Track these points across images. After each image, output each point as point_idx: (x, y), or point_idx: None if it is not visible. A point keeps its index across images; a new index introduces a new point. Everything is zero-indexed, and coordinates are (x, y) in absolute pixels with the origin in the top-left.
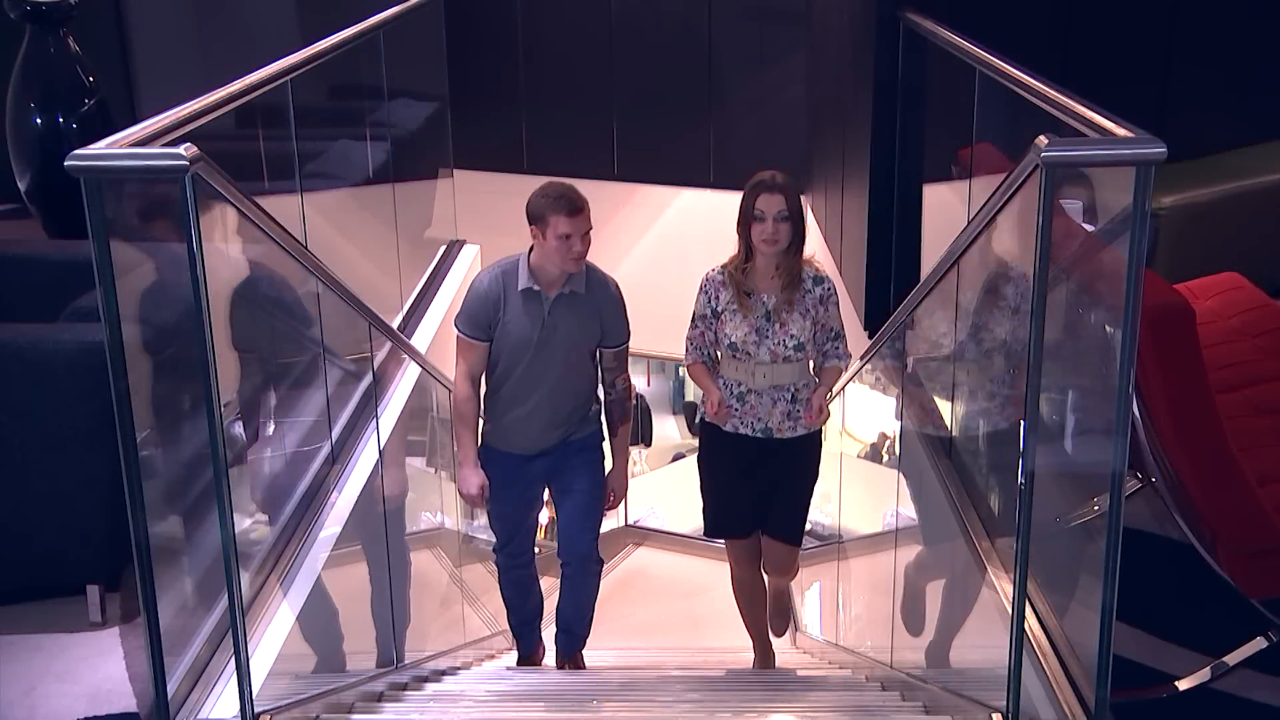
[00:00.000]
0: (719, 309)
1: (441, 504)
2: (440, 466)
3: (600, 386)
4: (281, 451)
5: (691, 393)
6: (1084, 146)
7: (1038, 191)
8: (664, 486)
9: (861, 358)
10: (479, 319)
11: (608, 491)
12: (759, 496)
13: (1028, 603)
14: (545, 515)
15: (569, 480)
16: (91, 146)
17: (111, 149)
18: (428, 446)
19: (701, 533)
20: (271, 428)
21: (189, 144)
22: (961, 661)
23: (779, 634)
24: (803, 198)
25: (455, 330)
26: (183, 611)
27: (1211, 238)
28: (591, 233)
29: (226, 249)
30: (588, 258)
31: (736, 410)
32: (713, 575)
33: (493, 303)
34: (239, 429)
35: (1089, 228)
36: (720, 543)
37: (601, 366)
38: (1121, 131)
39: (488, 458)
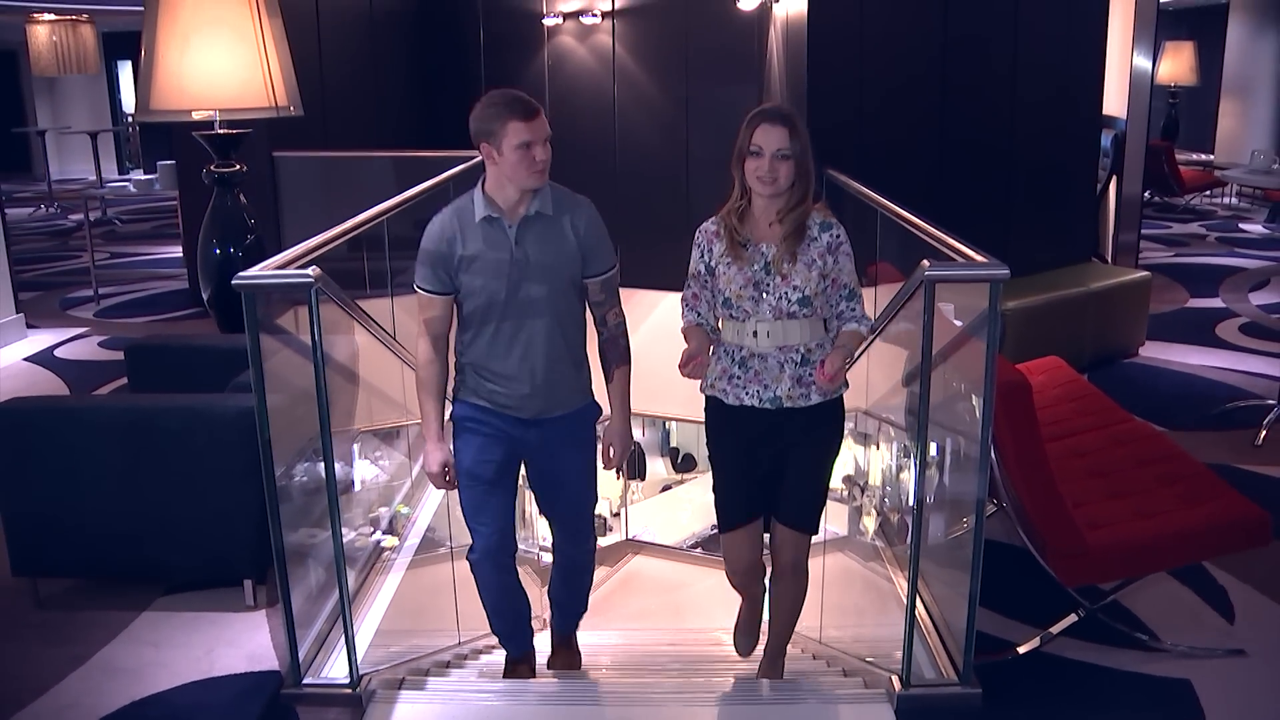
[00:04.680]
0: (713, 263)
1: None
2: None
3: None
4: (377, 483)
5: (676, 438)
6: (955, 268)
7: (923, 298)
8: (655, 510)
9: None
10: (435, 264)
11: (605, 445)
12: (766, 477)
13: (918, 593)
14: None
15: (559, 467)
16: (249, 270)
17: (262, 272)
18: None
19: (686, 544)
20: (371, 467)
21: (315, 266)
22: (869, 638)
23: (776, 675)
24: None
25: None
26: (309, 600)
27: (1040, 331)
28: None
29: (340, 339)
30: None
31: (739, 378)
32: (694, 574)
33: (448, 240)
34: (345, 468)
35: (958, 323)
36: (700, 549)
37: (589, 301)
38: (980, 258)
39: (466, 418)
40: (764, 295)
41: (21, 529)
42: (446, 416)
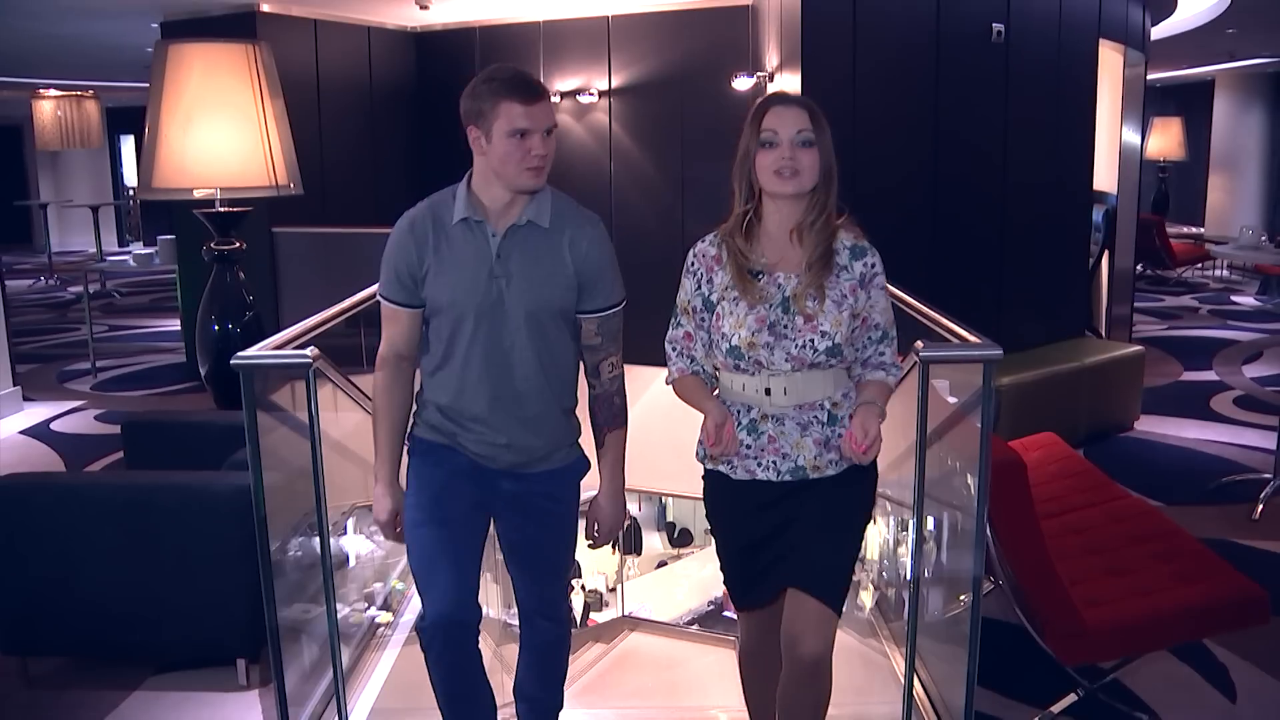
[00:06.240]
0: (713, 297)
1: (486, 597)
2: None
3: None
4: (372, 558)
5: (673, 512)
6: (948, 349)
7: (918, 378)
8: (652, 586)
9: None
10: (399, 270)
11: (590, 523)
12: (787, 548)
13: (915, 672)
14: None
15: (534, 532)
16: (248, 350)
17: (260, 351)
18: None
19: (683, 621)
20: (366, 543)
21: (313, 346)
22: (866, 716)
23: None
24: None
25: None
26: (303, 679)
27: (1035, 407)
28: (555, 134)
29: (336, 415)
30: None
31: (748, 447)
32: (691, 651)
33: (417, 242)
34: (340, 544)
35: (952, 399)
36: (697, 626)
37: (582, 344)
38: (973, 338)
39: (423, 459)
40: (780, 340)
41: (12, 606)
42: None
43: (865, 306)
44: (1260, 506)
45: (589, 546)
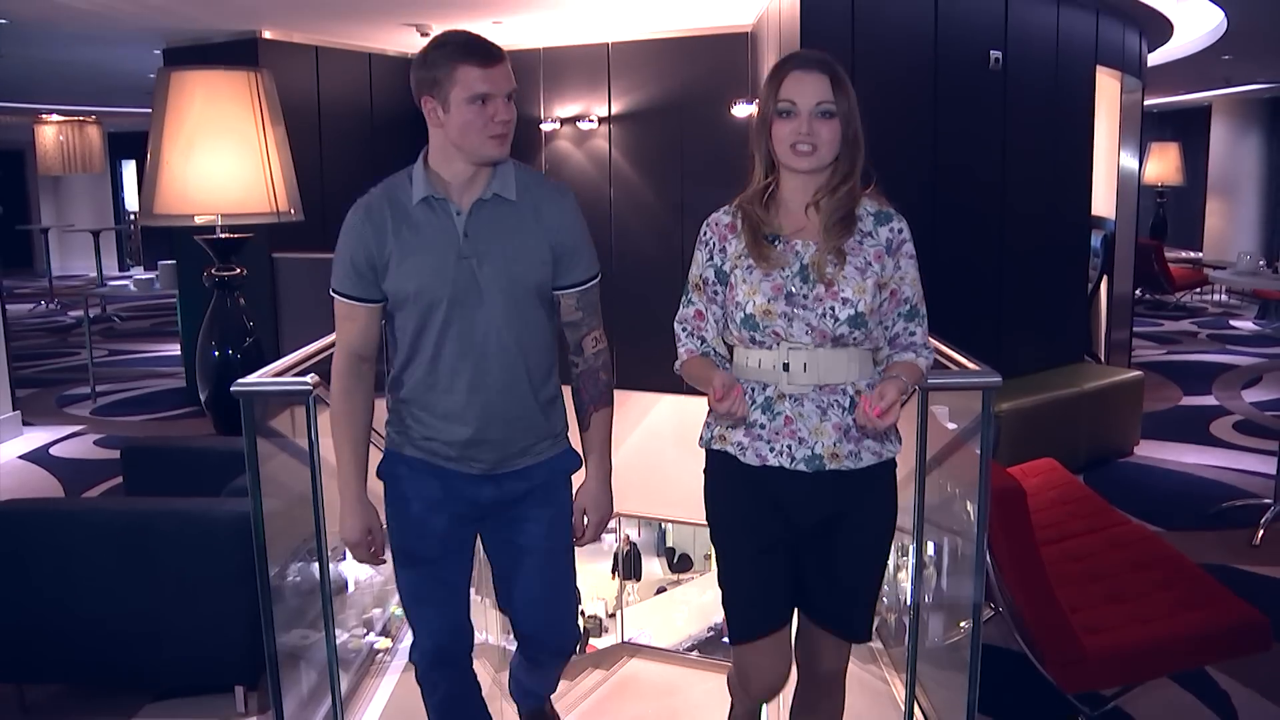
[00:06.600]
0: (726, 266)
1: (485, 622)
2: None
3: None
4: (371, 584)
5: (673, 538)
6: (947, 376)
7: (917, 405)
8: (651, 612)
9: None
10: (356, 260)
11: (578, 512)
12: (801, 567)
13: (916, 699)
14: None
15: (525, 535)
16: (248, 377)
17: (261, 379)
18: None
19: (683, 647)
20: (364, 569)
21: (313, 374)
22: None
23: None
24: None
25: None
26: (301, 705)
27: (1035, 432)
28: (515, 99)
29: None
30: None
31: (762, 427)
32: (691, 678)
33: (375, 228)
34: (339, 570)
35: (952, 426)
36: (697, 653)
37: (562, 321)
38: (973, 366)
39: (398, 474)
40: (799, 310)
41: (9, 632)
42: (374, 470)
43: (893, 278)
44: (1261, 532)
45: (576, 542)
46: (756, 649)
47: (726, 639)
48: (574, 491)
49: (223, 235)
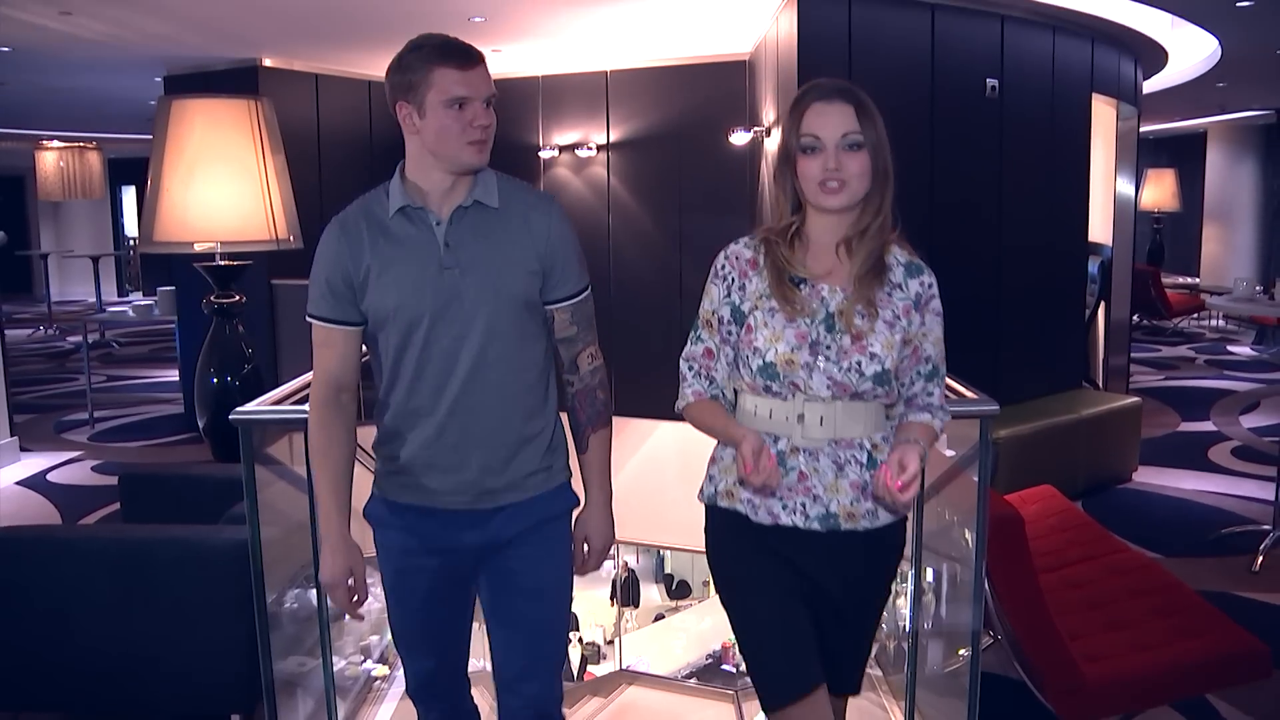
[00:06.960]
0: (745, 306)
1: (484, 650)
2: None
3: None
4: (368, 611)
5: (671, 564)
6: (947, 404)
7: None
8: (650, 639)
9: None
10: (332, 280)
11: (579, 540)
12: (816, 625)
13: None
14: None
15: (518, 577)
16: (247, 405)
17: (260, 407)
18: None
19: (681, 675)
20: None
21: None
22: None
23: None
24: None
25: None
26: None
27: (1033, 459)
28: (495, 104)
29: None
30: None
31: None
32: (690, 706)
33: (351, 244)
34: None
35: (950, 453)
36: (695, 680)
37: (555, 338)
38: (971, 394)
39: (381, 519)
40: (820, 360)
41: (5, 661)
42: (361, 507)
43: (918, 334)
44: (1260, 558)
45: (577, 572)
46: (798, 712)
47: (725, 665)
48: (572, 522)
49: (222, 262)
